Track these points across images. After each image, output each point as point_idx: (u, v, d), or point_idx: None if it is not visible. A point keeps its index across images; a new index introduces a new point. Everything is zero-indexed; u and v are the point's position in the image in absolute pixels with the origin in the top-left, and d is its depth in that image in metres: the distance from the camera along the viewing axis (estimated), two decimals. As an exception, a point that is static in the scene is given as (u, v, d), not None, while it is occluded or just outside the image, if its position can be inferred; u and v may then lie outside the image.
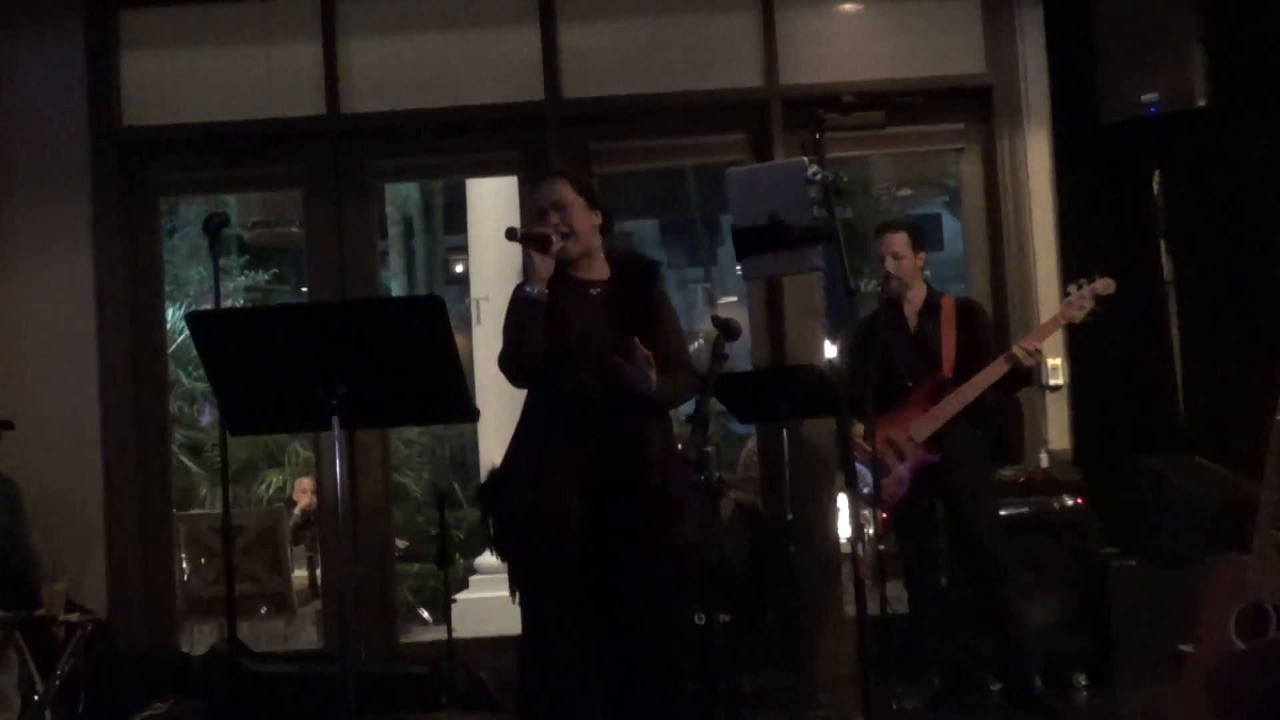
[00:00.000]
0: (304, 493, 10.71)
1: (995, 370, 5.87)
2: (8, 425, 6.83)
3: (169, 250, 12.34)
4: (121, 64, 7.59)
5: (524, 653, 4.39)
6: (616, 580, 4.30)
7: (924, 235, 6.24)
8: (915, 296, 6.15)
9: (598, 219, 4.51)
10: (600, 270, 4.52)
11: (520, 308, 4.34)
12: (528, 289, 4.32)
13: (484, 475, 4.52)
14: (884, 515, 5.89)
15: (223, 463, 5.67)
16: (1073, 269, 6.49)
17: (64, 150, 7.46)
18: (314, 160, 7.66)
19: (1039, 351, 5.89)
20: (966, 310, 6.15)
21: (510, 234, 4.36)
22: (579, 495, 4.25)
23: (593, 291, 4.46)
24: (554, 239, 4.34)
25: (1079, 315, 5.89)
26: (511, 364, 4.38)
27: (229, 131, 7.57)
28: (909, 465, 5.96)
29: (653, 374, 4.21)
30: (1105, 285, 5.84)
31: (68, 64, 7.49)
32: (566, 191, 4.48)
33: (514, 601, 4.42)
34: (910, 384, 6.03)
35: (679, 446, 4.42)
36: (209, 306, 10.89)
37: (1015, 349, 5.85)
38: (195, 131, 7.57)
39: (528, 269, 4.35)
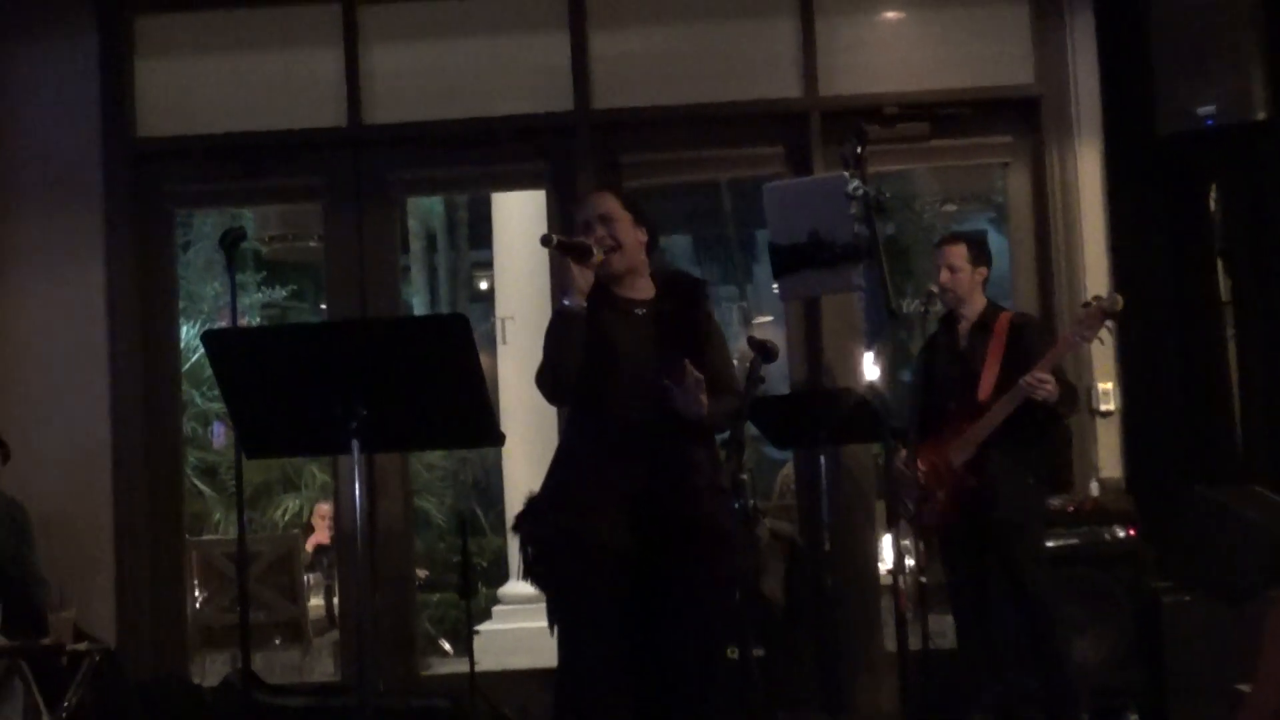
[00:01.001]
0: (322, 519, 10.73)
1: (1011, 400, 5.83)
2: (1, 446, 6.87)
3: (183, 265, 12.39)
4: (136, 71, 7.64)
5: (560, 687, 4.38)
6: (661, 613, 4.30)
7: (986, 249, 6.22)
8: (970, 312, 6.14)
9: (644, 236, 4.53)
10: (645, 289, 4.54)
11: (558, 322, 4.36)
12: (566, 302, 4.33)
13: (521, 502, 4.52)
14: (922, 542, 5.87)
15: (237, 486, 5.68)
16: (1125, 288, 6.47)
17: (75, 160, 7.51)
18: (334, 172, 7.68)
19: (1044, 382, 5.80)
20: (1018, 328, 6.11)
21: (545, 240, 4.35)
22: (623, 524, 4.25)
23: (638, 311, 4.47)
24: (595, 251, 4.35)
25: (1090, 335, 5.86)
26: (549, 381, 4.39)
27: (246, 142, 7.62)
28: (949, 491, 5.94)
29: (703, 397, 4.21)
30: (1114, 301, 5.76)
31: (80, 71, 7.54)
32: (613, 204, 4.51)
33: (552, 635, 4.42)
34: (952, 405, 6.02)
35: (744, 478, 4.42)
36: (224, 324, 10.96)
37: (1022, 381, 5.80)
38: (211, 142, 7.61)
39: (566, 281, 4.35)
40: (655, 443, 4.31)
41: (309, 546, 10.63)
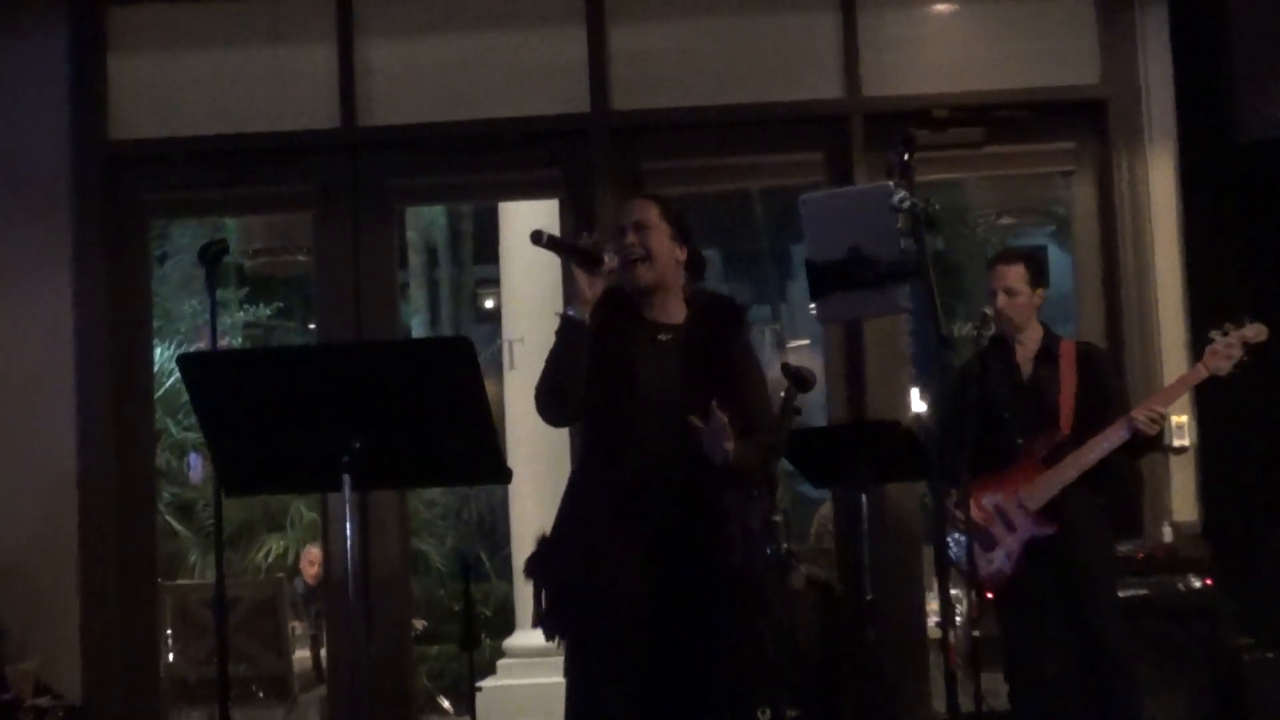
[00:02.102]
0: (311, 564, 10.74)
1: (1115, 434, 5.81)
2: None
3: (159, 280, 12.45)
4: (109, 68, 7.67)
5: None
6: (686, 670, 4.29)
7: (1044, 269, 6.21)
8: (1029, 339, 6.12)
9: (683, 254, 4.53)
10: (676, 313, 4.53)
11: (560, 333, 4.36)
12: (569, 311, 4.33)
13: (530, 544, 4.52)
14: (989, 596, 5.83)
15: (216, 526, 5.68)
16: (1202, 309, 6.45)
17: (42, 165, 7.52)
18: (326, 179, 7.70)
19: (1164, 417, 5.80)
20: (1087, 356, 6.10)
21: (536, 237, 4.32)
22: (644, 571, 4.24)
23: (663, 337, 4.46)
24: (606, 258, 4.34)
25: (1225, 367, 5.81)
26: (544, 396, 4.40)
27: (230, 145, 7.64)
28: (1020, 538, 5.91)
29: (730, 445, 4.19)
30: (1257, 331, 5.74)
31: (48, 67, 7.56)
32: (651, 213, 4.50)
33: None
34: (1021, 441, 5.99)
35: (777, 519, 4.40)
36: (203, 346, 10.96)
37: (1136, 414, 5.78)
38: (191, 145, 7.64)
39: (572, 289, 4.35)
40: (678, 484, 4.30)
41: (310, 579, 10.64)
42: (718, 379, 4.34)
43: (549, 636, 4.44)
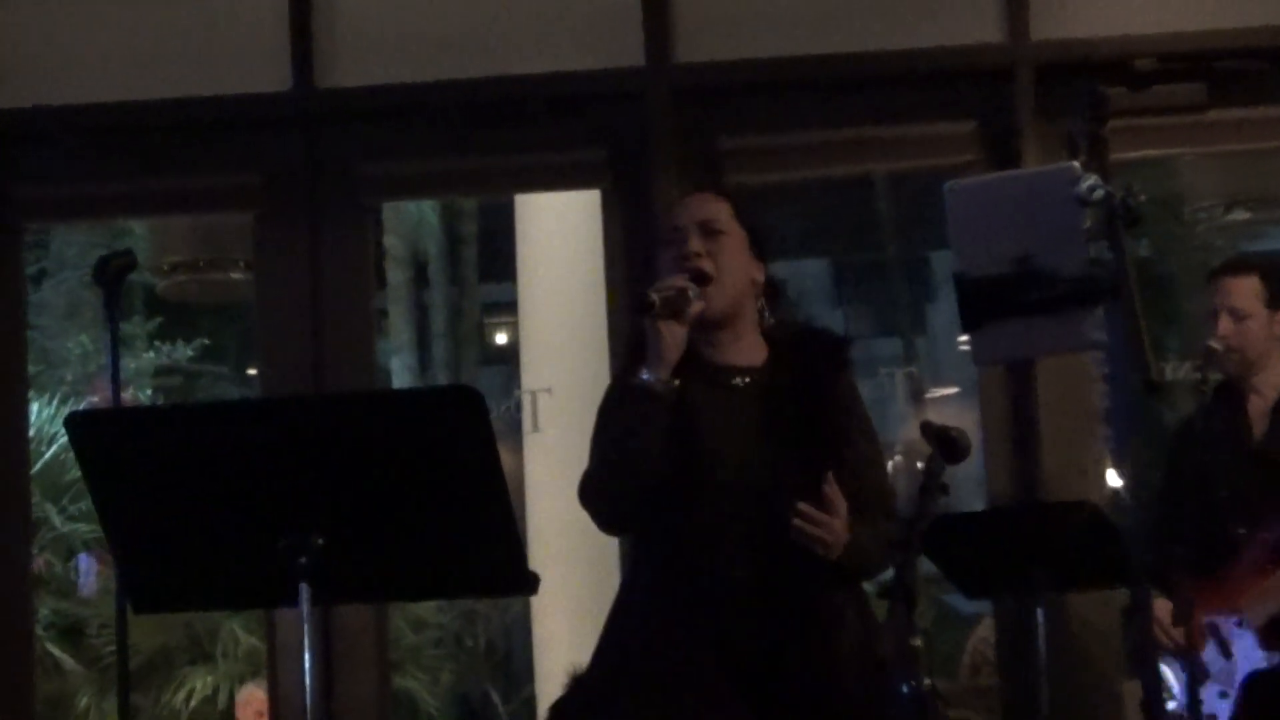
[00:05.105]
0: (260, 714, 10.79)
1: None
2: None
3: (35, 307, 12.53)
4: (-31, 13, 7.76)
5: None
6: None
7: None
8: (1267, 385, 6.13)
9: (761, 274, 4.54)
10: (751, 352, 4.54)
11: (630, 405, 4.34)
12: (646, 377, 4.32)
13: (561, 683, 4.54)
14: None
15: (120, 656, 5.71)
16: None
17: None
18: (272, 163, 7.74)
19: None
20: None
21: (645, 305, 4.31)
22: (724, 715, 4.24)
23: (737, 382, 4.46)
24: (691, 294, 4.34)
25: None
26: (604, 495, 4.40)
27: (137, 118, 7.69)
28: (1241, 668, 5.90)
29: (840, 533, 4.19)
30: None
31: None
32: (723, 212, 4.51)
33: None
34: (1244, 530, 5.98)
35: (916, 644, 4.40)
36: (100, 400, 11.03)
37: None
38: (83, 117, 7.69)
39: (650, 345, 4.34)
40: (768, 588, 4.30)
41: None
42: (814, 438, 4.34)
43: None
